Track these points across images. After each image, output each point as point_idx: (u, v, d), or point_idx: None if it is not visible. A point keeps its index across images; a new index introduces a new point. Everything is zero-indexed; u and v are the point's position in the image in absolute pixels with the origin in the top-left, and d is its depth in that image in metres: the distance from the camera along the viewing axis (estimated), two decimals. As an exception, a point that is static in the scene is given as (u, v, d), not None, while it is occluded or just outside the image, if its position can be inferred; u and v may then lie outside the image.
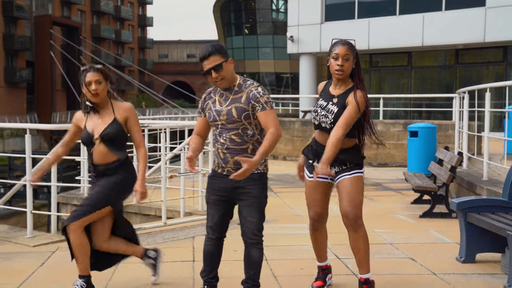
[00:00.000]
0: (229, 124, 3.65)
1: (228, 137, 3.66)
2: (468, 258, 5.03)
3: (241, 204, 3.73)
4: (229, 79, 3.68)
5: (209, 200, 3.82)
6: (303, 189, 4.42)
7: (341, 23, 22.75)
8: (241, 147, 3.66)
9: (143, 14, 75.23)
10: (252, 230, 3.72)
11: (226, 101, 3.69)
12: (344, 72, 3.86)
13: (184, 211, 7.53)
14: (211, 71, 3.61)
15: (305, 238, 6.17)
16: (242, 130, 3.65)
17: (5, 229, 6.60)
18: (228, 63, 3.66)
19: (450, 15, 20.52)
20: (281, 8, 48.40)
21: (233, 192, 3.71)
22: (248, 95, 3.65)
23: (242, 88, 3.70)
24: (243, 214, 3.73)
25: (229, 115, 3.64)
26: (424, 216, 7.25)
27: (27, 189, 6.21)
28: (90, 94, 4.03)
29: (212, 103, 3.75)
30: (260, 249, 3.78)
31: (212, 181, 3.81)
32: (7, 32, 47.83)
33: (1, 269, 4.98)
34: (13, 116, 44.41)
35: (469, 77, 22.26)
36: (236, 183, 3.65)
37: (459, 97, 10.85)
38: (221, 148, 3.69)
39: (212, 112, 3.73)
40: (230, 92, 3.71)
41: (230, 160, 3.67)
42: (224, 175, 3.72)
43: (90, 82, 4.02)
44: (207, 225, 3.87)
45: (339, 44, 3.91)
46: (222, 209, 3.79)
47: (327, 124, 3.93)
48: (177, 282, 4.59)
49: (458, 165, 7.22)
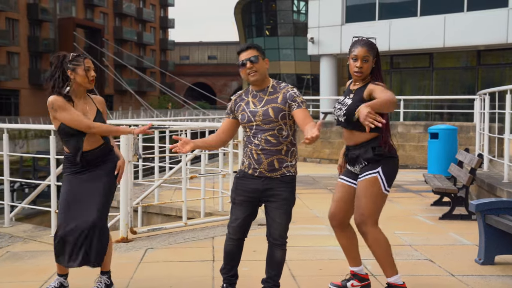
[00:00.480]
0: (265, 124, 3.69)
1: (264, 138, 3.68)
2: (487, 260, 5.03)
3: (270, 205, 3.76)
4: (262, 75, 3.74)
5: (235, 200, 3.84)
6: (322, 191, 4.50)
7: (361, 25, 22.69)
8: (276, 148, 3.69)
9: (165, 16, 75.77)
10: (280, 232, 3.78)
11: (260, 102, 3.74)
12: (363, 73, 3.87)
13: (204, 211, 7.62)
14: (247, 62, 3.70)
15: (323, 239, 6.24)
16: (277, 131, 3.69)
17: (30, 228, 6.76)
18: (264, 62, 3.76)
19: (472, 16, 20.36)
20: (302, 10, 48.40)
21: (263, 194, 3.75)
22: (284, 95, 3.71)
23: (277, 90, 3.77)
24: (271, 216, 3.77)
25: (265, 115, 3.68)
26: (443, 218, 7.25)
27: (51, 189, 6.35)
28: (87, 80, 3.98)
29: (245, 104, 3.79)
30: (283, 250, 3.85)
31: (240, 181, 3.82)
32: (32, 34, 48.60)
33: (28, 267, 5.11)
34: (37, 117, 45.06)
35: (491, 79, 22.05)
36: (267, 184, 3.71)
37: (480, 99, 10.79)
38: (255, 149, 3.71)
39: (246, 113, 3.75)
40: (264, 93, 3.77)
41: (264, 161, 3.70)
42: (255, 176, 3.75)
43: (90, 68, 4.00)
44: (230, 225, 3.90)
45: (358, 45, 3.89)
46: (248, 210, 3.82)
47: (340, 117, 3.93)
48: (197, 280, 4.67)
49: (478, 167, 7.20)
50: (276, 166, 3.70)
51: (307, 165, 15.14)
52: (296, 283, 4.60)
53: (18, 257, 5.43)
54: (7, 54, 45.81)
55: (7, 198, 6.77)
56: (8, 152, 6.60)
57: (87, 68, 3.97)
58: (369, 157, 3.89)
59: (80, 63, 3.96)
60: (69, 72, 3.96)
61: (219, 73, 74.89)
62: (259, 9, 48.39)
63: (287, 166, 3.74)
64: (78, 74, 3.95)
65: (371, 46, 3.89)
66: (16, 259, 5.38)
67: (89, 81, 3.99)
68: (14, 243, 6.01)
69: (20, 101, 47.12)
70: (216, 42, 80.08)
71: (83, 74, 3.96)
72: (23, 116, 44.56)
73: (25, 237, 6.26)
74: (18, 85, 46.45)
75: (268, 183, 3.72)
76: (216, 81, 75.10)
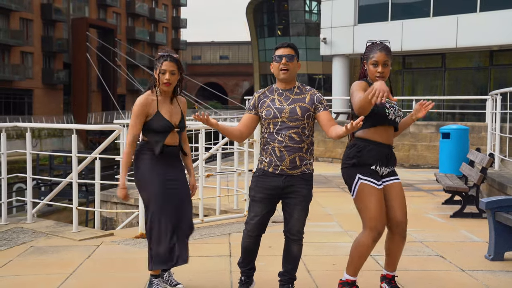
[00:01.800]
0: (291, 122, 3.81)
1: (288, 135, 3.81)
2: (497, 256, 5.17)
3: (290, 202, 3.90)
4: (292, 75, 3.91)
5: (255, 198, 3.93)
6: (335, 190, 4.61)
7: (374, 25, 22.77)
8: (299, 145, 3.82)
9: (177, 16, 76.03)
10: (298, 228, 3.94)
11: (287, 100, 3.88)
12: (385, 78, 3.91)
13: (220, 209, 7.80)
14: (283, 57, 3.85)
15: (337, 235, 6.39)
16: (301, 129, 3.83)
17: (52, 224, 6.97)
18: (297, 63, 3.93)
19: (484, 16, 20.37)
20: (314, 10, 48.41)
21: (283, 191, 3.88)
22: (312, 97, 3.90)
23: (303, 91, 3.94)
24: (289, 212, 3.91)
25: (292, 112, 3.82)
26: (454, 216, 7.37)
27: (73, 186, 6.55)
28: (161, 83, 4.01)
29: (271, 101, 3.91)
30: (300, 245, 4.01)
31: (261, 179, 3.92)
32: (46, 34, 49.01)
33: (52, 261, 5.31)
34: (50, 116, 45.53)
35: (504, 79, 22.03)
36: (288, 182, 3.85)
37: (492, 99, 10.88)
38: (279, 146, 3.82)
39: (272, 109, 3.86)
40: (291, 92, 3.92)
41: (287, 158, 3.81)
42: (276, 174, 3.86)
43: (165, 71, 4.00)
44: (248, 222, 4.00)
45: (377, 50, 3.89)
46: (267, 207, 3.94)
47: (399, 117, 3.98)
48: (215, 274, 4.84)
49: (489, 166, 7.32)
50: (297, 164, 3.83)
51: (320, 164, 15.27)
52: (311, 277, 4.75)
53: (42, 252, 5.64)
54: (21, 54, 46.25)
55: (30, 195, 6.97)
56: (31, 151, 6.80)
57: (162, 71, 4.00)
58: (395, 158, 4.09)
59: (158, 65, 4.03)
60: (154, 71, 4.08)
61: (230, 73, 75.06)
62: (271, 9, 48.46)
63: (306, 164, 3.89)
64: (157, 74, 4.03)
65: (389, 50, 3.93)
66: (40, 253, 5.59)
67: (162, 84, 4.02)
68: (37, 238, 6.21)
69: (34, 100, 47.55)
70: (228, 42, 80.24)
71: (159, 76, 4.02)
72: (36, 116, 44.98)
73: (47, 232, 6.47)
74: (31, 84, 46.87)
75: (289, 181, 3.85)
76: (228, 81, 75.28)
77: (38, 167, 19.58)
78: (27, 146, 6.78)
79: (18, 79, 44.76)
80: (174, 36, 74.73)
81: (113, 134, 6.72)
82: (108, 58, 50.83)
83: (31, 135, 6.84)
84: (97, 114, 51.22)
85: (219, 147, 8.70)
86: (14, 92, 45.89)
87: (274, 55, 3.91)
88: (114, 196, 9.52)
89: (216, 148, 8.83)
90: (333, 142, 16.15)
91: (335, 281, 4.62)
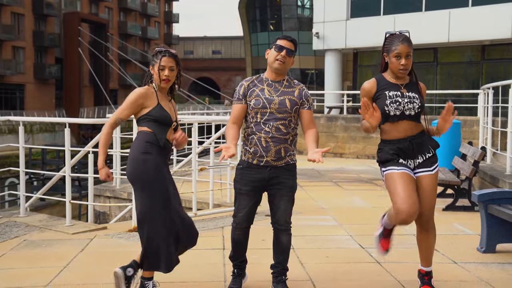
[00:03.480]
0: (279, 113, 3.85)
1: (276, 126, 3.84)
2: (489, 248, 5.21)
3: (276, 193, 3.93)
4: (286, 69, 3.94)
5: (241, 191, 3.95)
6: (327, 184, 4.63)
7: (366, 20, 22.82)
8: (285, 137, 3.87)
9: (169, 10, 75.82)
10: (285, 218, 3.97)
11: (276, 91, 3.91)
12: (408, 70, 3.87)
13: (213, 202, 7.81)
14: (284, 49, 3.87)
15: (330, 229, 6.42)
16: (288, 122, 3.88)
17: (45, 218, 6.96)
18: (293, 59, 3.95)
19: (476, 11, 20.45)
20: (306, 4, 48.43)
21: (269, 182, 3.91)
22: (300, 92, 3.95)
23: (291, 84, 3.98)
24: (276, 203, 3.95)
25: (281, 104, 3.86)
26: (447, 209, 7.41)
27: (66, 180, 6.54)
28: (159, 79, 3.89)
29: (260, 91, 3.92)
30: (289, 234, 4.03)
31: (245, 172, 3.93)
32: (37, 29, 48.73)
33: (45, 254, 5.31)
34: (42, 111, 45.30)
35: (495, 73, 22.13)
36: (273, 173, 3.88)
37: (484, 93, 10.93)
38: (265, 137, 3.84)
39: (261, 99, 3.87)
40: (280, 84, 3.95)
41: (272, 149, 3.84)
42: (261, 166, 3.88)
43: (164, 67, 3.88)
44: (236, 215, 4.03)
45: (399, 42, 3.83)
46: (254, 199, 3.97)
47: (413, 109, 3.85)
48: (209, 266, 4.86)
49: (481, 159, 7.36)
50: (282, 155, 3.87)
51: (312, 159, 15.29)
52: (304, 269, 4.77)
53: (35, 245, 5.63)
54: (13, 49, 45.97)
55: (23, 189, 6.95)
56: (24, 145, 6.78)
57: (161, 67, 3.87)
58: (434, 144, 3.98)
59: (156, 61, 3.90)
60: (150, 67, 3.96)
61: (223, 68, 74.93)
62: (263, 4, 48.42)
63: (290, 154, 3.94)
64: (154, 71, 3.91)
65: (410, 41, 3.87)
66: (34, 246, 5.58)
67: (160, 81, 3.89)
68: (30, 232, 6.20)
69: (25, 95, 47.31)
70: (220, 36, 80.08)
71: (156, 72, 3.90)
72: (28, 111, 44.77)
73: (41, 226, 6.46)
74: (23, 79, 46.62)
75: (274, 172, 3.89)
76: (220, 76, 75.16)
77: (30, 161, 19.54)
78: (20, 140, 6.75)
79: (10, 74, 44.51)
80: (167, 31, 74.52)
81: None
82: (100, 53, 50.63)
83: (23, 129, 6.81)
84: (89, 109, 51.05)
85: (212, 141, 8.71)
86: (6, 87, 45.64)
87: (275, 43, 3.92)
88: (107, 190, 9.51)
89: (209, 142, 8.84)
90: (325, 136, 16.18)
91: (329, 273, 4.66)
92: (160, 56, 3.89)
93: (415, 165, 3.92)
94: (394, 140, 3.88)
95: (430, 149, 3.95)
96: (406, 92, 3.87)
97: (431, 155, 3.95)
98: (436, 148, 3.99)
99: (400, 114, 3.83)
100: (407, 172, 3.81)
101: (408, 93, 3.87)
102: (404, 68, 3.82)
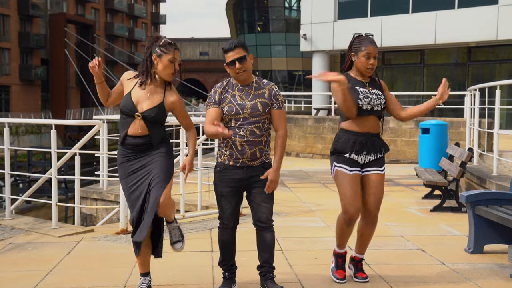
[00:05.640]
0: (253, 117, 3.90)
1: (250, 129, 3.89)
2: (476, 249, 5.22)
3: (255, 191, 3.98)
4: (249, 72, 3.95)
5: (222, 193, 4.01)
6: (315, 185, 4.64)
7: (354, 21, 22.86)
8: (259, 139, 3.92)
9: (156, 12, 75.61)
10: (267, 215, 4.00)
11: (247, 96, 3.94)
12: (373, 69, 4.19)
13: (201, 204, 7.77)
14: (236, 62, 3.86)
15: (319, 230, 6.41)
16: (262, 124, 3.93)
17: (31, 221, 6.88)
18: (249, 58, 3.93)
19: (462, 13, 20.57)
20: (294, 6, 48.47)
21: (247, 181, 3.96)
22: (270, 92, 3.98)
23: (261, 85, 4.00)
24: (257, 201, 3.99)
25: (254, 108, 3.90)
26: (434, 210, 7.43)
27: (52, 183, 6.47)
28: (168, 71, 3.84)
29: (232, 97, 3.94)
30: (272, 231, 4.06)
31: (223, 174, 3.97)
32: (23, 30, 48.34)
33: (31, 257, 5.24)
34: (28, 113, 44.91)
35: (481, 75, 22.28)
36: (250, 172, 3.92)
37: (471, 95, 10.99)
38: (240, 141, 3.88)
39: (233, 106, 3.91)
40: (250, 88, 3.97)
41: (248, 152, 3.90)
42: (237, 167, 3.93)
43: (175, 60, 3.86)
44: (222, 216, 4.09)
45: (368, 42, 4.12)
46: (235, 199, 4.03)
47: (380, 105, 4.17)
48: (197, 269, 4.82)
49: (468, 160, 7.39)
50: (257, 156, 3.93)
51: (300, 160, 15.30)
52: (293, 271, 4.76)
53: (21, 248, 5.56)
54: (-2, 50, 45.66)
55: (8, 191, 6.87)
56: (9, 146, 6.70)
57: (173, 59, 3.83)
58: (385, 147, 4.30)
59: (168, 52, 3.83)
60: (154, 56, 3.85)
61: (210, 69, 74.78)
62: (251, 5, 48.38)
63: (265, 154, 4.00)
64: (162, 62, 3.82)
65: (376, 43, 4.18)
66: (20, 250, 5.51)
67: (170, 73, 3.85)
68: (16, 234, 6.13)
69: (11, 97, 46.90)
70: (207, 38, 79.94)
71: (166, 63, 3.82)
72: (14, 112, 44.40)
73: (26, 229, 6.38)
74: (8, 81, 46.22)
75: (250, 171, 3.94)
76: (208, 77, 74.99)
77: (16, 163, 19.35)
78: (5, 142, 6.67)
79: (-5, 75, 44.13)
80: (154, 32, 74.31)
81: (93, 129, 6.65)
82: (86, 54, 50.26)
83: (9, 131, 6.74)
84: (75, 111, 50.68)
85: (200, 143, 8.66)
86: (-9, 88, 45.27)
87: (226, 61, 3.90)
88: (94, 192, 9.44)
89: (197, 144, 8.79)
90: (313, 137, 16.20)
91: (318, 275, 4.64)
92: (172, 48, 3.85)
93: (364, 161, 4.20)
94: (354, 132, 4.15)
95: (382, 150, 4.25)
96: (371, 89, 4.18)
97: (381, 156, 4.25)
98: (386, 151, 4.29)
99: (370, 109, 4.12)
100: (357, 173, 4.17)
101: (373, 90, 4.19)
102: (371, 67, 4.13)
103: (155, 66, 3.87)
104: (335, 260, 4.48)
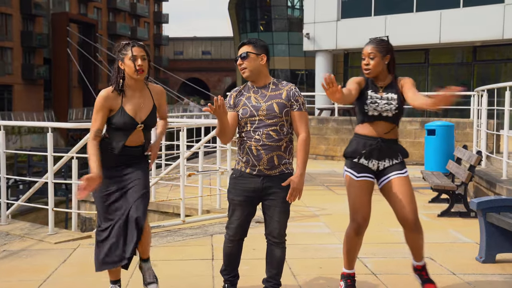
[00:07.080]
0: (269, 119, 3.64)
1: (266, 132, 3.63)
2: (488, 258, 5.01)
3: (270, 204, 3.72)
4: (254, 72, 3.70)
5: (234, 201, 3.76)
6: (318, 187, 4.46)
7: (357, 20, 22.67)
8: (277, 144, 3.65)
9: (159, 11, 75.47)
10: (279, 230, 3.75)
11: (263, 97, 3.70)
12: (371, 70, 3.95)
13: (202, 209, 7.58)
14: (238, 58, 3.69)
15: (323, 237, 6.21)
16: (279, 127, 3.66)
17: (27, 226, 6.68)
18: (258, 58, 3.69)
19: (468, 12, 20.35)
20: (297, 5, 48.28)
21: (263, 192, 3.70)
22: (288, 92, 3.70)
23: (279, 86, 3.74)
24: (270, 214, 3.73)
25: (269, 109, 3.65)
26: (442, 215, 7.23)
27: (48, 186, 6.29)
28: (134, 69, 3.68)
29: (246, 99, 3.73)
30: (283, 248, 3.82)
31: (238, 181, 3.75)
32: (25, 29, 48.26)
33: (25, 266, 5.05)
34: (30, 112, 44.85)
35: (486, 75, 22.07)
36: (267, 183, 3.67)
37: (478, 95, 10.77)
38: (256, 145, 3.64)
39: (248, 108, 3.69)
40: (266, 89, 3.73)
41: (264, 157, 3.64)
42: (253, 175, 3.69)
43: (136, 57, 3.68)
44: (229, 226, 3.85)
45: (367, 44, 4.03)
46: (247, 210, 3.77)
47: (390, 111, 3.93)
48: (197, 279, 4.63)
49: (477, 164, 7.18)
50: (275, 163, 3.66)
51: (303, 161, 15.09)
52: (296, 281, 4.57)
53: (15, 256, 5.37)
54: (0, 49, 45.51)
55: (4, 196, 6.68)
56: (4, 150, 6.52)
57: (133, 57, 3.68)
58: (404, 152, 4.11)
59: (127, 52, 3.70)
60: (119, 63, 3.74)
61: (213, 69, 74.62)
62: (253, 5, 48.21)
63: (285, 163, 3.72)
64: (126, 64, 3.70)
65: (379, 43, 3.98)
66: (14, 258, 5.32)
67: (135, 71, 3.68)
68: (11, 241, 5.93)
69: (13, 96, 46.83)
70: (210, 37, 79.73)
71: (129, 64, 3.69)
72: (16, 112, 44.33)
73: (22, 235, 6.19)
74: (11, 80, 46.14)
75: (267, 182, 3.68)
76: (210, 76, 74.82)
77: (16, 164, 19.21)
78: (0, 145, 6.49)
79: (-3, 74, 44.05)
80: (156, 31, 74.16)
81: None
82: (89, 54, 50.13)
83: (4, 133, 6.56)
84: (78, 110, 50.61)
85: (201, 145, 8.48)
86: (-7, 88, 45.19)
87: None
88: (93, 195, 9.25)
89: (198, 146, 8.59)
90: (316, 138, 15.99)
91: (322, 285, 4.44)
92: (129, 47, 3.72)
93: (378, 167, 4.02)
94: (365, 136, 4.00)
95: (398, 156, 4.06)
96: (384, 94, 3.95)
97: (398, 162, 4.06)
98: (405, 157, 4.10)
99: (378, 115, 3.95)
100: (366, 180, 3.99)
101: (386, 95, 3.96)
102: (366, 68, 3.97)
103: (124, 72, 3.74)
104: (344, 283, 4.14)
